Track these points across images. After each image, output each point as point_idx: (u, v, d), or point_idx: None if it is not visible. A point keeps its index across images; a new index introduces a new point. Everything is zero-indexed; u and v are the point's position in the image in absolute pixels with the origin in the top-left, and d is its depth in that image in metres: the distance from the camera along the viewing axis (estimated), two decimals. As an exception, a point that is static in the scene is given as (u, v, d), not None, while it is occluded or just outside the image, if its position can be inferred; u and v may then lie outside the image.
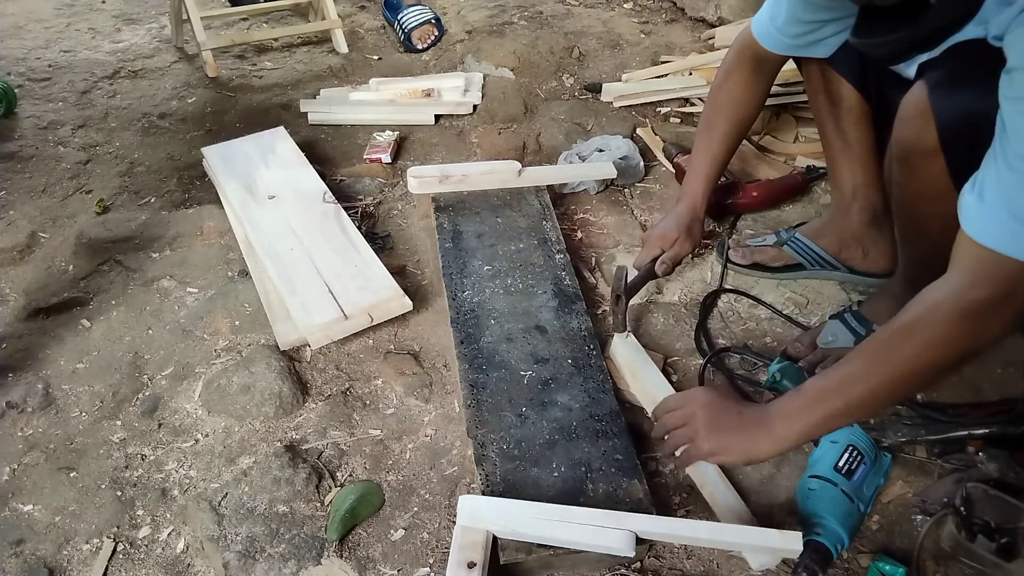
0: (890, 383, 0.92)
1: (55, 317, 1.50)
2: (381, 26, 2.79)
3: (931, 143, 1.00)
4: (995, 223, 0.82)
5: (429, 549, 1.07)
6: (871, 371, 0.92)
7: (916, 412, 1.21)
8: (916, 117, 1.02)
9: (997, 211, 0.82)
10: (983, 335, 0.87)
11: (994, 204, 0.82)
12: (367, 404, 1.30)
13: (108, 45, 2.72)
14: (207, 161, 1.85)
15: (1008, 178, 0.81)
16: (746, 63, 1.35)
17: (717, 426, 1.02)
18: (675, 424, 1.07)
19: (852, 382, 0.93)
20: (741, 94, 1.37)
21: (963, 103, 0.95)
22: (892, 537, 1.07)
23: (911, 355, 0.89)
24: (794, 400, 0.99)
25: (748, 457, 1.03)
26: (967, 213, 0.86)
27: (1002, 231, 0.82)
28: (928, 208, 1.07)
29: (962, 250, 0.87)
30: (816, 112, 1.43)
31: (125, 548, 1.10)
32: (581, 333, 1.32)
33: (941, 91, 0.98)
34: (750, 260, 1.52)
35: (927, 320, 0.88)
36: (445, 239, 1.55)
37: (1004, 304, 0.84)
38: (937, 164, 1.01)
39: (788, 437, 0.97)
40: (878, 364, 0.92)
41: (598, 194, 1.81)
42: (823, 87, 1.36)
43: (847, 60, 1.28)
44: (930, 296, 0.89)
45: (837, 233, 1.46)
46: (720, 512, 1.07)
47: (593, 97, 2.24)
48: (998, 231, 0.82)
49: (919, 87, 1.02)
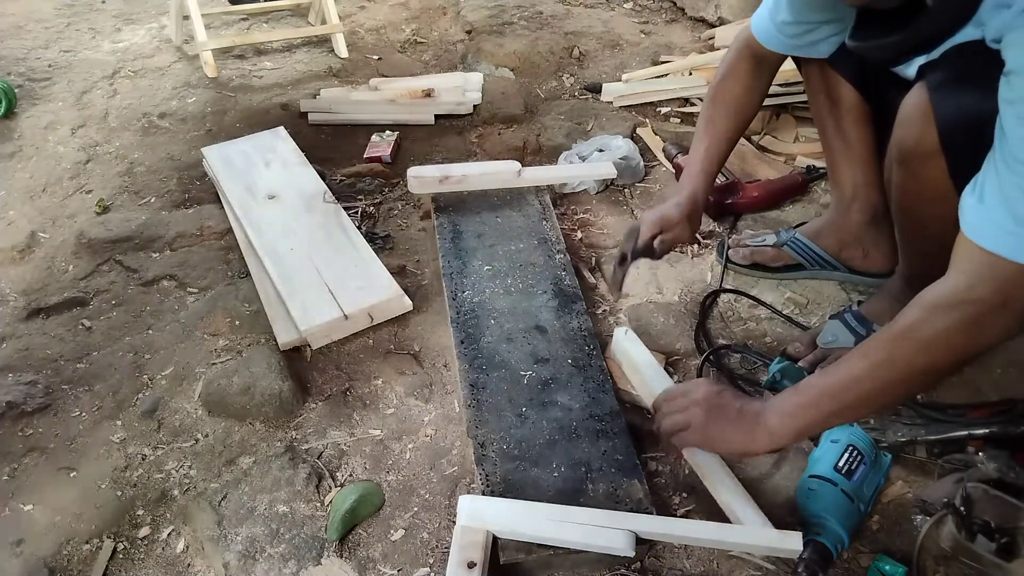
0: (888, 385, 0.92)
1: (55, 317, 1.50)
2: (381, 26, 2.79)
3: (931, 145, 1.00)
4: (994, 226, 0.82)
5: (429, 549, 1.07)
6: (870, 373, 0.92)
7: (916, 412, 1.21)
8: (916, 119, 1.02)
9: (997, 214, 0.82)
10: (981, 339, 0.87)
11: (994, 206, 0.82)
12: (367, 404, 1.30)
13: (108, 45, 2.72)
14: (207, 161, 1.85)
15: (1008, 181, 0.81)
16: (746, 61, 1.35)
17: (716, 418, 1.02)
18: (674, 411, 1.07)
19: (850, 383, 0.93)
20: (741, 92, 1.37)
21: (964, 105, 0.94)
22: (892, 537, 1.07)
23: (910, 358, 0.89)
24: (792, 398, 0.99)
25: (744, 450, 1.04)
26: (967, 215, 0.86)
27: (1001, 234, 0.81)
28: (928, 210, 1.07)
29: (961, 252, 0.87)
30: (816, 112, 1.43)
31: (125, 548, 1.10)
32: (581, 333, 1.32)
33: (942, 93, 0.98)
34: (750, 260, 1.52)
35: (926, 323, 0.88)
36: (445, 239, 1.55)
37: (1002, 308, 0.84)
38: (937, 166, 1.01)
39: (784, 435, 0.98)
40: (877, 366, 0.92)
41: (598, 194, 1.81)
42: (823, 87, 1.36)
43: (847, 60, 1.28)
44: (928, 298, 0.89)
45: (837, 233, 1.46)
46: (724, 503, 1.05)
47: (593, 97, 2.25)
48: (997, 234, 0.82)
49: (919, 89, 1.02)
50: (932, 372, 0.90)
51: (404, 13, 2.90)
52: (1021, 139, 0.80)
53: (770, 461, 1.17)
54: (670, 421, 1.07)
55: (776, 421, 0.98)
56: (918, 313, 0.89)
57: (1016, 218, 0.80)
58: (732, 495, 1.04)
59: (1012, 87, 0.81)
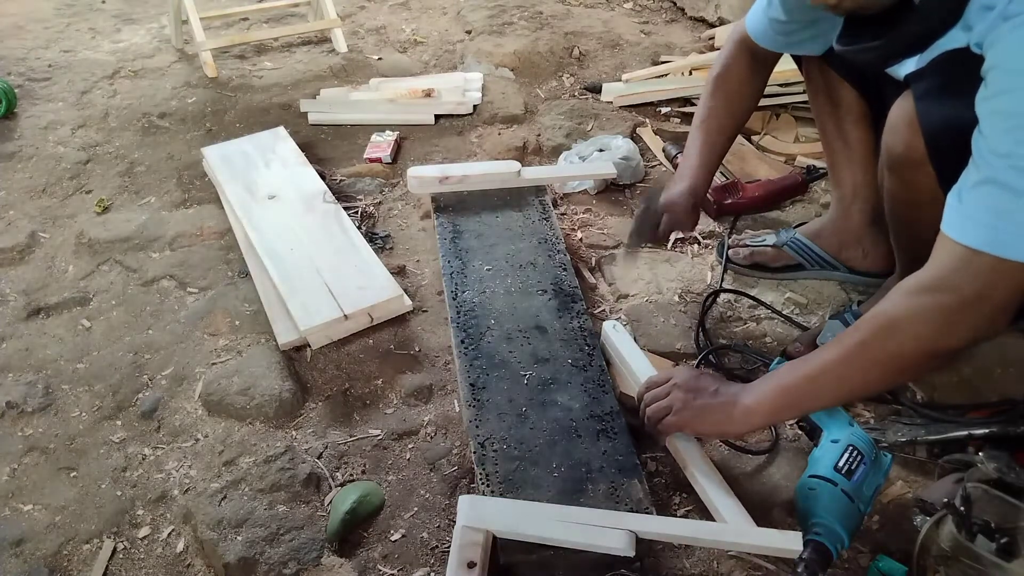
0: (860, 370, 0.93)
1: (55, 317, 1.50)
2: (381, 26, 2.79)
3: (919, 153, 1.01)
4: (971, 220, 0.83)
5: (429, 549, 1.07)
6: (843, 356, 0.93)
7: (916, 412, 1.21)
8: (903, 128, 1.02)
9: (974, 209, 0.83)
10: (950, 333, 0.86)
11: (971, 202, 0.83)
12: (367, 404, 1.30)
13: (108, 45, 2.72)
14: (207, 161, 1.85)
15: (986, 176, 0.82)
16: (742, 57, 1.34)
17: (693, 401, 1.05)
18: (656, 399, 1.09)
19: (825, 366, 0.95)
20: (738, 87, 1.36)
21: (949, 114, 0.94)
22: (892, 537, 1.07)
23: (881, 342, 0.90)
24: (770, 380, 1.02)
25: (720, 431, 1.09)
26: (947, 214, 0.87)
27: (978, 228, 0.82)
28: (920, 214, 1.07)
29: (939, 247, 0.88)
30: (816, 112, 1.43)
31: (125, 548, 1.10)
32: (581, 333, 1.32)
33: (927, 102, 0.99)
34: (750, 260, 1.52)
35: (896, 306, 0.89)
36: (445, 239, 1.55)
37: (975, 302, 0.84)
38: (927, 173, 1.01)
39: (760, 413, 1.01)
40: (850, 349, 0.93)
41: (598, 194, 1.81)
42: (824, 87, 1.36)
43: (847, 61, 1.28)
44: (903, 285, 0.90)
45: (837, 233, 1.46)
46: (703, 492, 1.08)
47: (593, 97, 2.24)
48: (975, 228, 0.82)
49: (906, 98, 1.02)
50: (900, 358, 0.90)
51: (404, 13, 2.90)
52: (998, 132, 0.80)
53: (768, 460, 1.17)
54: (653, 408, 1.09)
55: (752, 401, 1.00)
56: (892, 296, 0.90)
57: (994, 211, 0.81)
58: (711, 485, 1.06)
59: (988, 84, 0.82)
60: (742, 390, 1.03)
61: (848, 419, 1.13)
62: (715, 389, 1.05)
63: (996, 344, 1.34)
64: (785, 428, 1.23)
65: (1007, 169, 0.79)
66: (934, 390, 1.27)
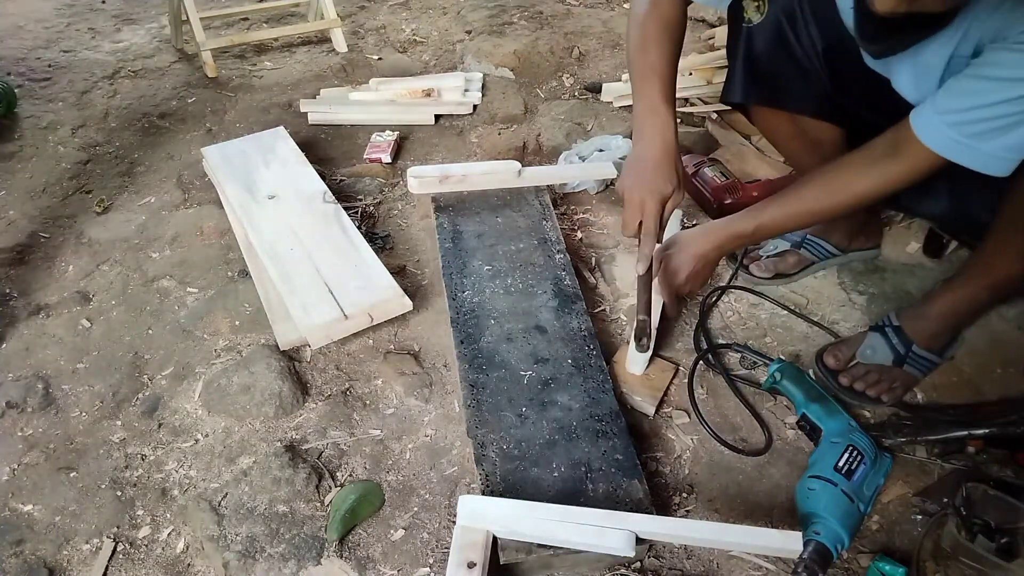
0: (828, 203, 1.16)
1: (55, 317, 1.50)
2: (381, 26, 2.79)
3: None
4: (924, 116, 1.01)
5: (429, 549, 1.07)
6: (815, 194, 1.17)
7: (916, 412, 1.21)
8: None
9: (931, 106, 1.00)
10: (893, 182, 1.09)
11: (933, 102, 1.00)
12: (367, 404, 1.30)
13: (108, 45, 2.72)
14: (207, 161, 1.85)
15: (950, 85, 0.98)
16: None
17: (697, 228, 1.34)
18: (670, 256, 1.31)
19: (801, 199, 1.18)
20: (673, 16, 1.26)
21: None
22: (892, 537, 1.07)
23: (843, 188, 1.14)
24: (757, 205, 1.24)
25: (727, 227, 1.27)
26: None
27: (926, 123, 1.01)
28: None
29: (902, 130, 1.05)
30: (792, 155, 1.48)
31: (125, 548, 1.10)
32: (581, 333, 1.32)
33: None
34: (772, 272, 1.52)
35: (860, 171, 1.12)
36: (445, 239, 1.55)
37: (909, 175, 1.07)
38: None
39: (748, 221, 1.23)
40: (820, 190, 1.17)
41: (598, 194, 1.81)
42: (796, 133, 1.35)
43: (809, 97, 1.27)
44: (868, 151, 1.10)
45: (845, 228, 1.50)
46: None
47: (593, 97, 2.24)
48: (924, 122, 1.01)
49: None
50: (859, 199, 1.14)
51: (404, 13, 2.90)
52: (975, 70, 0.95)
53: (769, 460, 1.17)
54: (666, 264, 1.29)
55: (740, 216, 1.25)
56: (857, 164, 1.12)
57: (938, 109, 0.99)
58: None
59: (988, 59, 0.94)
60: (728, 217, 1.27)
61: (848, 419, 1.14)
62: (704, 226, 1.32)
63: (996, 344, 1.35)
64: (785, 428, 1.23)
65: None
66: (934, 390, 1.27)
